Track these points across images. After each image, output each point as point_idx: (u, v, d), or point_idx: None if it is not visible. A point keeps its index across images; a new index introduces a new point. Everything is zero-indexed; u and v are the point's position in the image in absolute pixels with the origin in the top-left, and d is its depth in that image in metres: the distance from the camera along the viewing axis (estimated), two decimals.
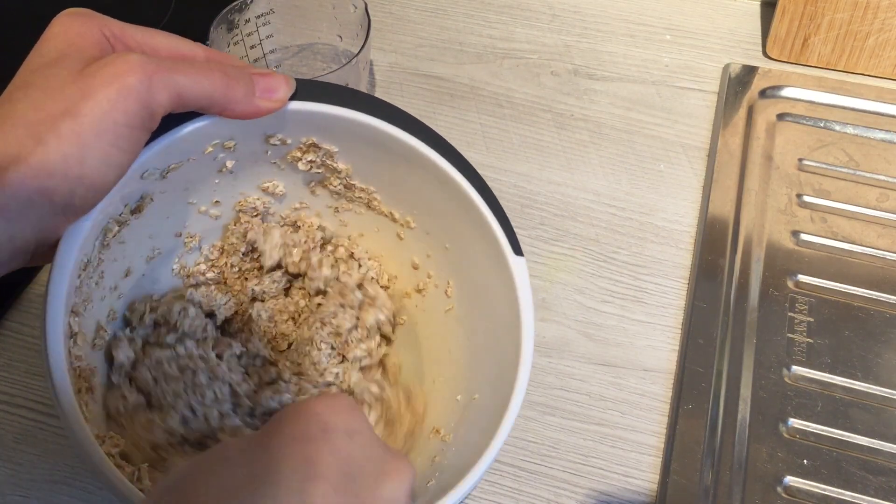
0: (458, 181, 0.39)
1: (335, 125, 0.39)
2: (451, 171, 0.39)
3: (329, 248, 0.46)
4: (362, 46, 0.52)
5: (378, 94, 0.62)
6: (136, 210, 0.38)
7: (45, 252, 0.33)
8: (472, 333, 0.42)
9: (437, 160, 0.39)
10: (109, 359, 0.39)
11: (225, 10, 0.52)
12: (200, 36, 0.52)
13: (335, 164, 0.41)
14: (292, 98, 0.37)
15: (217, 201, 0.43)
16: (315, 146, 0.40)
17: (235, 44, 0.54)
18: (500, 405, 0.36)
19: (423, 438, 0.41)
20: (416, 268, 0.44)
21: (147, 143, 0.34)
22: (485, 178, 0.40)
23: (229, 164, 0.40)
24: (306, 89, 0.38)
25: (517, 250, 0.38)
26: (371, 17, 0.53)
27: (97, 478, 0.31)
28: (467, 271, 0.41)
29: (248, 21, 0.54)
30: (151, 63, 0.31)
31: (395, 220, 0.44)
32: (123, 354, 0.39)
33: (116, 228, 0.37)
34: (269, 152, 0.41)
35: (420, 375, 0.44)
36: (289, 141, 0.40)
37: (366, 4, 0.54)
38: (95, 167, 0.31)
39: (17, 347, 0.49)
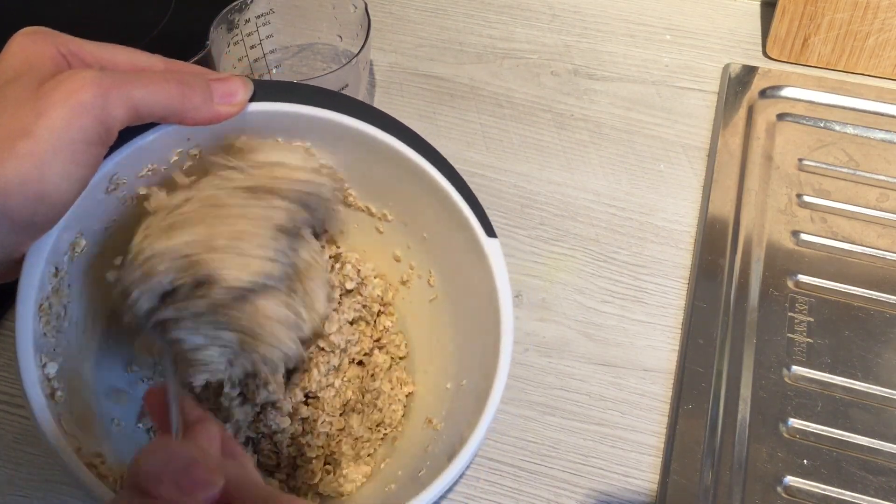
0: (426, 169, 0.39)
1: (298, 124, 0.39)
2: (418, 159, 0.39)
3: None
4: (362, 46, 0.52)
5: (378, 94, 0.62)
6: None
7: (9, 268, 0.33)
8: (456, 320, 0.42)
9: (404, 149, 0.39)
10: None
11: (225, 10, 0.52)
12: (200, 36, 0.53)
13: None
14: (252, 100, 0.37)
15: None
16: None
17: (235, 44, 0.54)
18: (484, 388, 0.36)
19: (415, 429, 0.41)
20: (398, 260, 0.45)
21: (107, 156, 0.34)
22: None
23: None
24: (266, 90, 0.38)
25: (490, 232, 0.39)
26: (371, 17, 0.53)
27: (74, 483, 0.31)
28: (446, 258, 0.42)
29: (248, 21, 0.54)
30: (105, 78, 0.32)
31: (372, 215, 0.44)
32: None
33: (83, 243, 0.37)
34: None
35: (412, 367, 0.44)
36: None
37: (366, 4, 0.54)
38: (55, 184, 0.31)
39: None
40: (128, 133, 0.35)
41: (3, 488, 0.43)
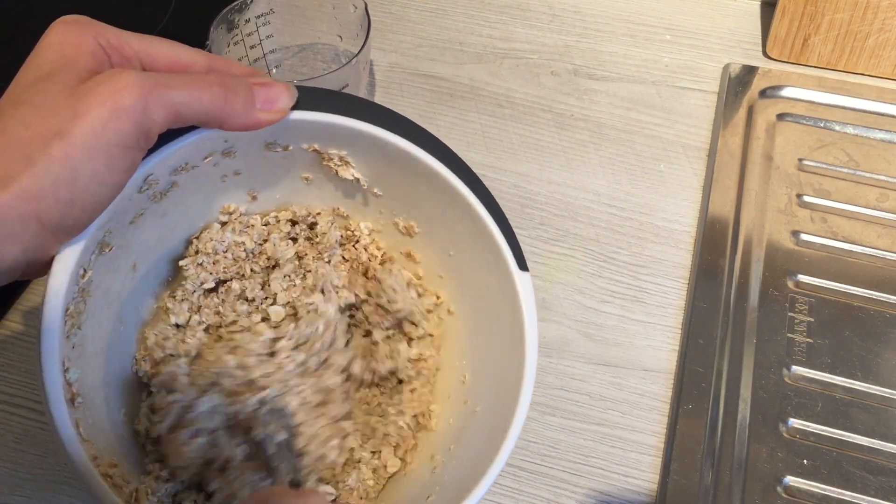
0: (468, 197, 0.38)
1: (336, 134, 0.39)
2: (461, 186, 0.38)
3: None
4: (362, 46, 0.52)
5: (378, 94, 0.62)
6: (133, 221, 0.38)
7: (38, 268, 0.32)
8: (473, 346, 0.41)
9: (445, 173, 0.39)
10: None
11: (225, 10, 0.52)
12: (200, 36, 0.53)
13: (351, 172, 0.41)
14: (294, 107, 0.37)
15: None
16: (317, 151, 0.40)
17: (235, 44, 0.54)
18: (501, 422, 0.36)
19: (423, 441, 0.41)
20: (419, 278, 0.44)
21: (144, 157, 0.34)
22: (485, 178, 0.40)
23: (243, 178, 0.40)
24: (307, 97, 0.37)
25: (522, 266, 0.38)
26: (371, 17, 0.53)
27: (80, 483, 0.31)
28: (471, 282, 0.41)
29: (248, 21, 0.54)
30: (148, 80, 0.30)
31: (397, 226, 0.44)
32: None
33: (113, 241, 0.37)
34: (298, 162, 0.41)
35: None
36: (290, 147, 0.40)
37: (366, 4, 0.54)
38: (87, 188, 0.30)
39: (18, 347, 0.49)
40: (167, 134, 0.34)
41: (3, 488, 0.43)
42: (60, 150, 0.29)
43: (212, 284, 0.42)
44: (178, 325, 0.42)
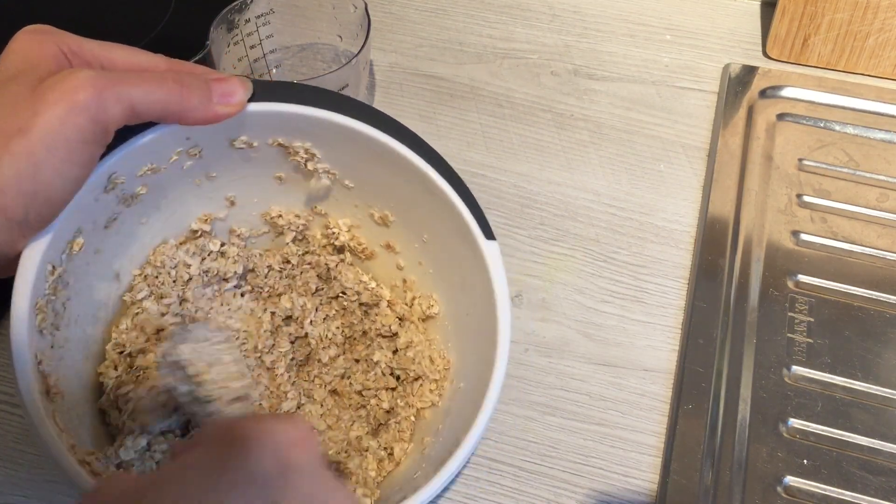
0: (425, 170, 0.39)
1: (297, 124, 0.39)
2: (417, 160, 0.39)
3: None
4: (362, 46, 0.52)
5: (378, 94, 0.62)
6: (108, 225, 0.38)
7: (7, 265, 0.33)
8: (456, 324, 0.42)
9: (402, 150, 0.39)
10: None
11: (225, 10, 0.52)
12: (200, 36, 0.53)
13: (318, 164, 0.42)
14: (252, 100, 0.37)
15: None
16: (282, 146, 0.40)
17: (235, 44, 0.54)
18: (480, 392, 0.36)
19: (417, 428, 0.42)
20: (400, 269, 0.45)
21: (103, 156, 0.34)
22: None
23: (211, 173, 0.41)
24: (266, 90, 0.38)
25: (488, 235, 0.39)
26: (371, 17, 0.53)
27: (50, 462, 0.31)
28: (446, 261, 0.42)
29: (248, 21, 0.54)
30: (102, 78, 0.32)
31: (372, 217, 0.44)
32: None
33: (81, 241, 0.37)
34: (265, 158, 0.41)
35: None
36: (255, 143, 0.40)
37: (366, 4, 0.54)
38: (49, 182, 0.31)
39: None
40: (127, 132, 0.35)
41: (3, 488, 0.43)
42: (21, 146, 0.30)
43: (144, 294, 0.42)
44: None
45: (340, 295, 0.45)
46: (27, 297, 0.33)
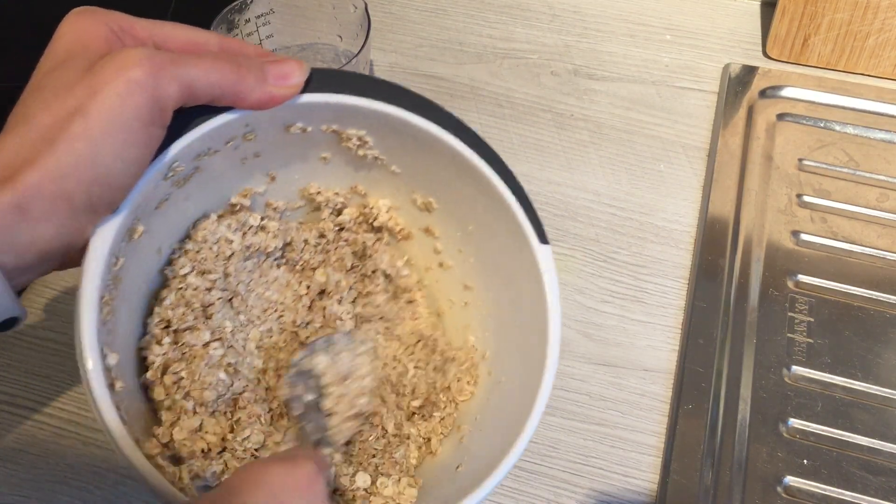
0: (483, 169, 0.39)
1: (352, 114, 0.39)
2: (476, 159, 0.39)
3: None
4: (362, 46, 0.52)
5: None
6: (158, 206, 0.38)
7: (74, 255, 0.32)
8: (496, 315, 0.42)
9: (462, 148, 0.39)
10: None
11: (225, 10, 0.52)
12: None
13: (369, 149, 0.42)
14: (308, 89, 0.37)
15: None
16: (336, 132, 0.40)
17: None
18: (528, 392, 0.36)
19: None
20: (437, 252, 0.45)
21: (169, 143, 0.34)
22: None
23: (271, 170, 0.41)
24: (322, 78, 0.37)
25: (542, 238, 0.38)
26: (371, 17, 0.53)
27: (139, 482, 0.31)
28: (491, 256, 0.42)
29: (248, 21, 0.54)
30: (157, 56, 0.31)
31: (415, 203, 0.44)
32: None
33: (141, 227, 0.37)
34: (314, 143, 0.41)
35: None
36: (309, 129, 0.40)
37: (366, 4, 0.54)
38: (109, 165, 0.31)
39: (18, 347, 0.49)
40: (188, 119, 0.34)
41: (3, 488, 0.43)
42: (79, 128, 0.29)
43: (188, 270, 0.42)
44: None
45: (371, 274, 0.45)
46: (96, 293, 0.32)
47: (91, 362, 0.31)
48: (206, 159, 0.38)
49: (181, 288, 0.40)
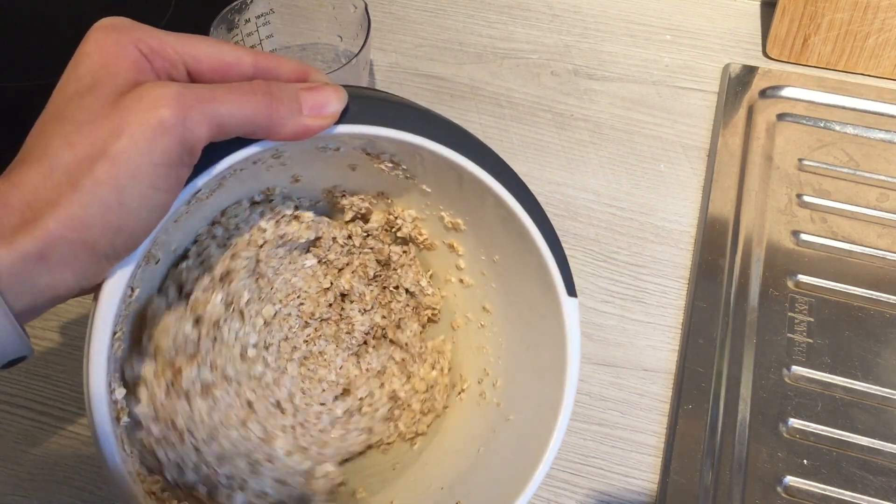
0: (521, 218, 0.37)
1: (387, 145, 0.38)
2: (514, 203, 0.37)
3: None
4: (362, 46, 0.52)
5: None
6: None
7: (88, 291, 0.31)
8: (509, 352, 0.41)
9: (499, 190, 0.37)
10: None
11: (225, 10, 0.52)
12: None
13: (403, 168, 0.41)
14: (345, 115, 0.34)
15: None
16: (368, 154, 0.39)
17: (235, 44, 0.54)
18: (537, 445, 0.36)
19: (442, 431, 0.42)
20: (459, 269, 0.44)
21: (196, 175, 0.32)
22: None
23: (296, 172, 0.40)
24: (355, 103, 0.35)
25: (571, 291, 0.38)
26: (371, 17, 0.53)
27: None
28: (514, 292, 0.41)
29: (248, 21, 0.54)
30: (187, 94, 0.29)
31: (442, 220, 0.43)
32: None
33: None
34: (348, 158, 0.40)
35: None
36: (340, 149, 0.38)
37: (366, 4, 0.54)
38: (135, 212, 0.29)
39: None
40: (214, 149, 0.32)
41: (3, 488, 0.43)
42: (105, 173, 0.28)
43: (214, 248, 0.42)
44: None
45: (394, 289, 0.45)
46: (108, 330, 0.31)
47: (97, 401, 0.31)
48: (230, 178, 0.37)
49: (203, 258, 0.40)
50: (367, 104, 0.36)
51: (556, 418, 0.36)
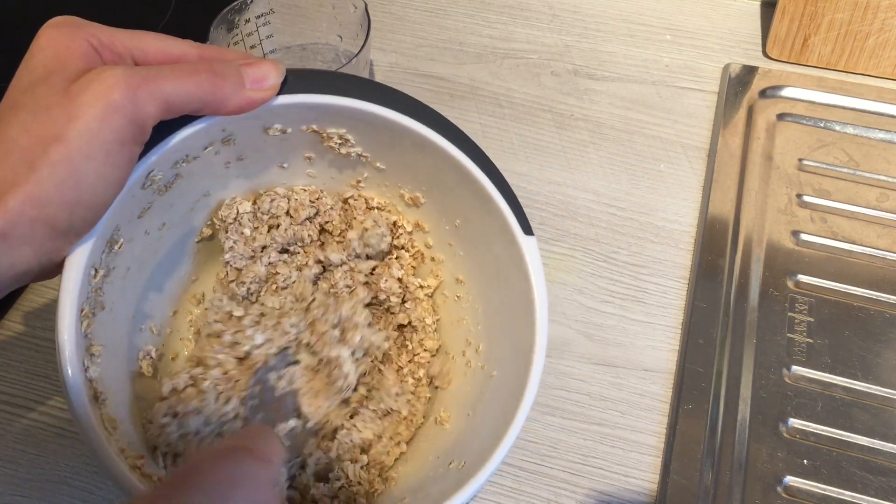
0: (464, 162, 0.39)
1: (330, 114, 0.39)
2: (456, 152, 0.39)
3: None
4: (362, 46, 0.52)
5: None
6: (140, 215, 0.38)
7: (50, 270, 0.33)
8: (487, 309, 0.42)
9: (440, 142, 0.39)
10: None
11: (225, 11, 0.52)
12: (200, 36, 0.52)
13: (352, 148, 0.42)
14: (285, 90, 0.37)
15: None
16: (316, 132, 0.40)
17: (235, 44, 0.54)
18: (518, 384, 0.37)
19: (440, 401, 0.43)
20: (428, 246, 0.45)
21: (144, 154, 0.34)
22: None
23: (241, 161, 0.41)
24: (298, 79, 0.37)
25: (527, 230, 0.39)
26: (371, 17, 0.53)
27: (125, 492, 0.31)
28: (479, 249, 0.42)
29: (247, 21, 0.54)
30: (135, 75, 0.31)
31: (402, 198, 0.44)
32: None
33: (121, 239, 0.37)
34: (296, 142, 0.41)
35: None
36: (288, 130, 0.40)
37: (366, 4, 0.54)
38: (91, 188, 0.31)
39: (17, 347, 0.49)
40: (163, 127, 0.34)
41: (3, 488, 0.43)
42: (60, 154, 0.30)
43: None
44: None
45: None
46: (74, 307, 0.32)
47: (70, 374, 0.32)
48: (184, 166, 0.38)
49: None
50: (306, 77, 0.38)
51: (531, 356, 0.37)
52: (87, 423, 0.32)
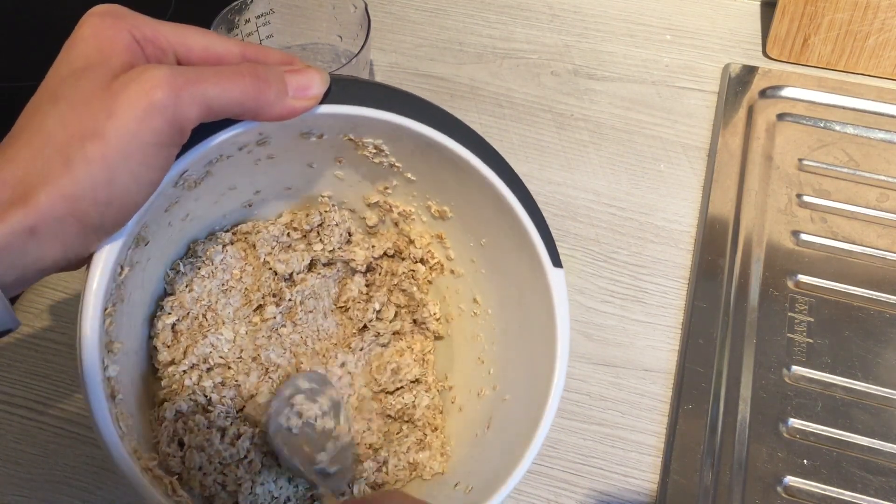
0: (500, 189, 0.38)
1: (369, 126, 0.38)
2: (494, 178, 0.38)
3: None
4: (362, 46, 0.52)
5: None
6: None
7: (76, 263, 0.32)
8: (504, 331, 0.42)
9: (480, 166, 0.38)
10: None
11: (225, 11, 0.52)
12: None
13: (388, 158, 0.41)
14: (325, 98, 0.36)
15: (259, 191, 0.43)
16: (352, 140, 0.40)
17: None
18: (533, 415, 0.36)
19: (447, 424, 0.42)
20: (450, 259, 0.44)
21: (180, 154, 0.33)
22: None
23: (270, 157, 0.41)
24: (338, 87, 0.36)
25: (556, 262, 0.38)
26: (371, 17, 0.53)
27: (137, 494, 0.31)
28: (503, 272, 0.41)
29: (248, 21, 0.54)
30: (178, 76, 0.30)
31: (429, 209, 0.43)
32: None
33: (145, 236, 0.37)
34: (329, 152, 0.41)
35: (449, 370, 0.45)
36: (324, 136, 0.39)
37: (366, 4, 0.54)
38: (125, 188, 0.30)
39: (17, 347, 0.49)
40: (201, 128, 0.33)
41: (3, 488, 0.43)
42: (97, 152, 0.29)
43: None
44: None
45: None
46: (99, 306, 0.32)
47: (91, 375, 0.31)
48: (217, 164, 0.37)
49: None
50: (348, 87, 0.37)
51: (549, 388, 0.36)
52: (105, 423, 0.31)
